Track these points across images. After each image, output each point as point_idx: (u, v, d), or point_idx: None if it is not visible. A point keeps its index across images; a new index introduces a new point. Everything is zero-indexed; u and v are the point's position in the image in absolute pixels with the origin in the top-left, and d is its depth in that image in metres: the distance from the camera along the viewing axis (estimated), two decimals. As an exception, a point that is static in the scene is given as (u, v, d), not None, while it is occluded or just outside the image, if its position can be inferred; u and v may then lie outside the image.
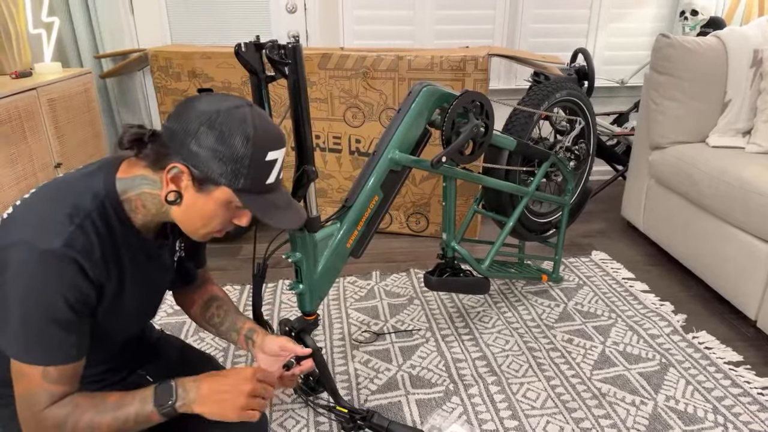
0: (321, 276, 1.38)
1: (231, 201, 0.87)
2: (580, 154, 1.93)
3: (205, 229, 0.91)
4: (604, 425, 1.41)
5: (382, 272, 2.24)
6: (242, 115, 0.84)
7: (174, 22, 2.89)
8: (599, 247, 2.47)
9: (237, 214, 0.91)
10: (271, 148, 0.86)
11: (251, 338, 1.16)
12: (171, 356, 1.19)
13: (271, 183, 0.89)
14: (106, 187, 0.87)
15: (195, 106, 0.85)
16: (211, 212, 0.88)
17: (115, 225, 0.88)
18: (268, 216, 0.88)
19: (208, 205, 0.87)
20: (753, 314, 1.80)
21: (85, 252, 0.82)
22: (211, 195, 0.86)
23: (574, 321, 1.88)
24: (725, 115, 2.20)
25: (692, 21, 2.85)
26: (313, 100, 2.45)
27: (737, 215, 1.83)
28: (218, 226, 0.91)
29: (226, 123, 0.83)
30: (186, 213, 0.89)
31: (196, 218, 0.89)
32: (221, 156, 0.83)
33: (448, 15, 2.95)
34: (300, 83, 1.19)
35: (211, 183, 0.85)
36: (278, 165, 0.90)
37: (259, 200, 0.88)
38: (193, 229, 0.91)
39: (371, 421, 1.32)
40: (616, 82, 3.15)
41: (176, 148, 0.84)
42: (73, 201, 0.84)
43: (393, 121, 1.47)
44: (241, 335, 1.17)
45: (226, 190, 0.85)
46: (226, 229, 0.94)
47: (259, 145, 0.85)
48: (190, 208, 0.88)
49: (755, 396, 1.51)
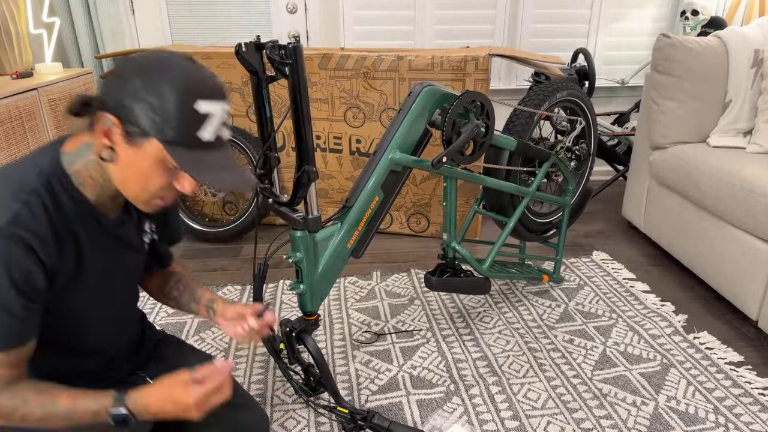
0: (322, 276, 1.38)
1: (164, 158, 0.82)
2: (581, 155, 1.93)
3: (145, 193, 0.86)
4: (605, 426, 1.41)
5: (382, 272, 2.24)
6: (174, 64, 0.81)
7: (174, 22, 2.89)
8: (600, 247, 2.46)
9: (176, 176, 0.86)
10: (202, 98, 0.81)
11: (211, 307, 1.15)
12: (171, 357, 1.19)
13: (208, 140, 0.84)
14: (51, 162, 0.84)
15: (130, 59, 0.82)
16: (146, 170, 0.83)
17: (66, 201, 0.85)
18: (198, 172, 0.82)
19: (141, 161, 0.82)
20: (754, 314, 1.79)
21: (32, 230, 0.79)
22: (142, 149, 0.81)
23: (574, 321, 1.88)
24: (726, 115, 2.20)
25: (693, 21, 2.84)
26: (313, 101, 2.45)
27: (738, 215, 1.83)
28: (158, 189, 0.86)
29: (156, 70, 0.80)
30: (122, 172, 0.85)
31: (132, 178, 0.85)
32: (148, 105, 0.79)
33: (448, 15, 2.95)
34: (300, 83, 1.19)
35: (139, 134, 0.80)
36: (215, 120, 0.84)
37: (191, 155, 0.82)
38: (133, 193, 0.87)
39: (372, 422, 1.32)
40: (617, 82, 3.15)
41: (108, 99, 0.81)
42: (17, 179, 0.81)
43: (393, 121, 1.47)
44: (201, 305, 1.16)
45: (156, 143, 0.80)
46: (171, 195, 0.89)
47: (189, 93, 0.80)
48: (126, 167, 0.84)
49: (756, 396, 1.51)
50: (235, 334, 1.11)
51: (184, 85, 0.80)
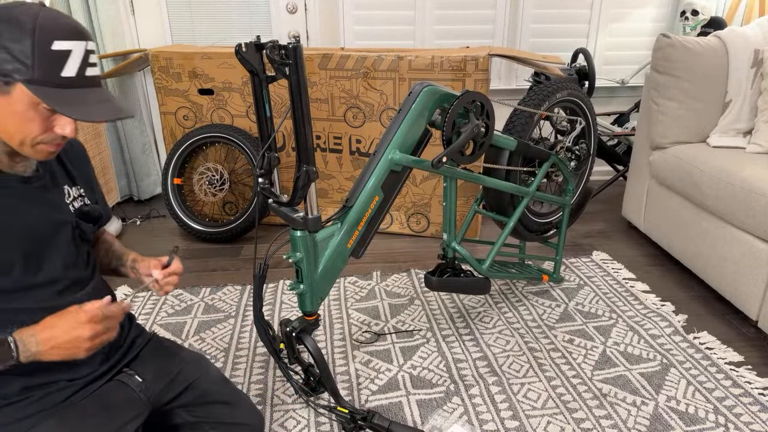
0: (322, 276, 1.38)
1: (34, 101, 0.84)
2: (581, 155, 1.93)
3: (27, 140, 0.88)
4: (605, 425, 1.41)
5: (382, 272, 2.24)
6: (25, 9, 0.83)
7: (174, 22, 2.89)
8: (600, 247, 2.47)
9: (54, 120, 0.88)
10: (58, 38, 0.83)
11: (134, 267, 1.17)
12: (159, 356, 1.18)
13: (71, 76, 0.85)
14: None
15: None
16: (21, 115, 0.85)
17: None
18: (67, 109, 0.84)
19: (14, 107, 0.84)
20: (754, 314, 1.79)
21: None
22: (11, 95, 0.83)
23: (574, 321, 1.88)
24: (726, 115, 2.20)
25: (693, 21, 2.84)
26: (313, 101, 2.45)
27: (738, 215, 1.83)
28: (39, 134, 0.87)
29: (6, 16, 0.82)
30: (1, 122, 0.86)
31: (10, 126, 0.86)
32: (6, 50, 0.81)
33: (448, 15, 2.95)
34: (300, 83, 1.19)
35: (3, 81, 0.82)
36: (76, 57, 0.85)
37: (59, 94, 0.84)
38: (16, 141, 0.88)
39: (372, 422, 1.32)
40: (617, 82, 3.15)
41: None
42: None
43: (393, 121, 1.47)
44: (127, 267, 1.18)
45: (23, 87, 0.82)
46: (54, 140, 0.90)
47: (42, 33, 0.82)
48: (1, 116, 0.85)
49: (756, 396, 1.51)
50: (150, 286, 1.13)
51: (36, 27, 0.82)
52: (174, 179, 2.57)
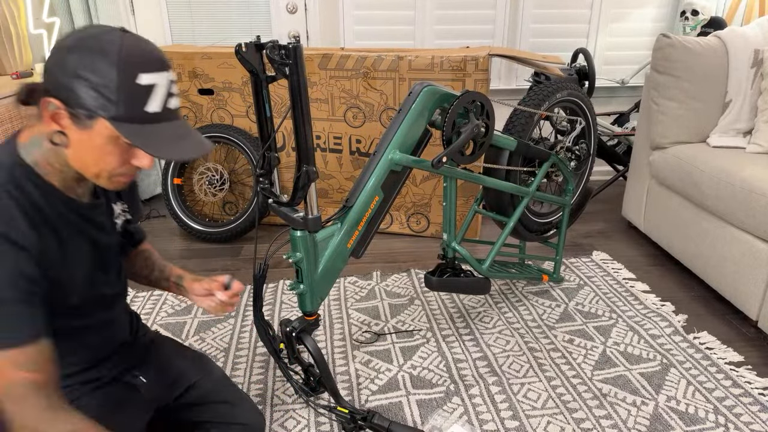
0: (322, 276, 1.38)
1: (115, 136, 0.80)
2: (581, 155, 1.93)
3: (104, 172, 0.85)
4: (605, 425, 1.41)
5: (382, 272, 2.24)
6: (108, 38, 0.78)
7: (174, 22, 2.89)
8: (600, 247, 2.46)
9: (132, 153, 0.85)
10: (143, 70, 0.79)
11: (180, 284, 1.17)
12: (163, 356, 1.18)
13: (156, 112, 0.82)
14: (9, 156, 0.84)
15: (65, 37, 0.80)
16: (100, 149, 0.81)
17: (32, 190, 0.84)
18: (149, 146, 0.80)
19: (94, 141, 0.81)
20: (754, 314, 1.79)
21: (8, 223, 0.79)
22: (92, 129, 0.80)
23: (574, 321, 1.88)
24: (726, 115, 2.20)
25: (693, 21, 2.84)
26: (313, 101, 2.45)
27: (738, 215, 1.83)
28: (116, 167, 0.85)
29: (90, 47, 0.77)
30: (78, 154, 0.83)
31: (89, 159, 0.83)
32: (88, 83, 0.77)
33: (448, 15, 2.95)
34: (300, 83, 1.19)
35: (86, 115, 0.79)
36: (160, 90, 0.82)
37: (141, 130, 0.80)
38: (92, 173, 0.86)
39: (372, 422, 1.32)
40: (617, 82, 3.15)
41: (50, 83, 0.79)
42: None
43: (393, 121, 1.47)
44: (171, 282, 1.18)
45: (105, 122, 0.79)
46: (130, 172, 0.88)
47: (128, 67, 0.78)
48: (79, 149, 0.82)
49: (756, 396, 1.51)
50: (208, 308, 1.14)
51: (121, 60, 0.78)
52: (174, 179, 2.57)
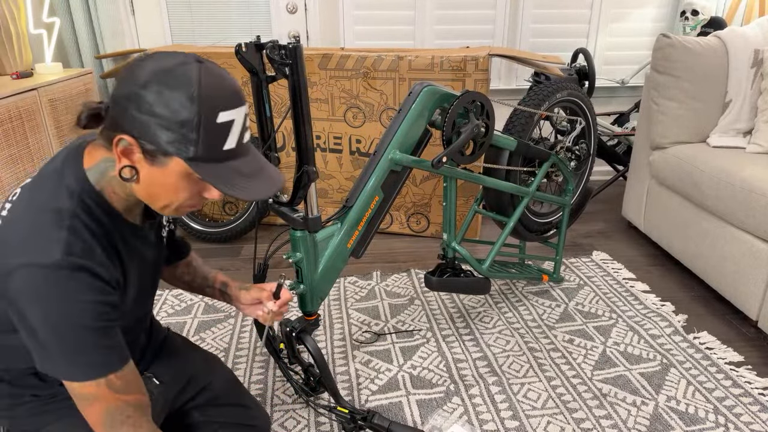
0: (322, 276, 1.38)
1: (190, 173, 0.78)
2: (581, 155, 1.93)
3: (173, 205, 0.83)
4: (605, 425, 1.41)
5: (382, 272, 2.24)
6: (185, 72, 0.74)
7: (174, 22, 2.89)
8: (600, 247, 2.47)
9: (204, 187, 0.83)
10: (222, 108, 0.76)
11: (226, 292, 1.18)
12: (176, 357, 1.18)
13: (232, 148, 0.79)
14: (78, 182, 0.81)
15: (137, 67, 0.76)
16: (172, 186, 0.79)
17: (101, 217, 0.83)
18: (230, 187, 0.78)
19: (167, 178, 0.78)
20: (754, 314, 1.79)
21: (86, 253, 0.78)
22: (166, 167, 0.77)
23: (574, 321, 1.88)
24: (726, 115, 2.20)
25: (693, 21, 2.84)
26: (313, 101, 2.45)
27: (738, 215, 1.83)
28: (187, 201, 0.83)
29: (167, 83, 0.73)
30: (147, 190, 0.81)
31: (160, 194, 0.81)
32: (165, 122, 0.73)
33: (448, 15, 2.95)
34: (300, 83, 1.19)
35: (161, 154, 0.75)
36: (237, 127, 0.79)
37: (219, 169, 0.78)
38: (160, 206, 0.84)
39: (372, 422, 1.32)
40: (617, 82, 3.15)
41: (121, 117, 0.75)
42: (52, 206, 0.79)
43: (393, 121, 1.47)
44: (216, 290, 1.19)
45: (180, 161, 0.76)
46: (199, 204, 0.86)
47: (207, 106, 0.74)
48: (149, 184, 0.80)
49: (756, 396, 1.51)
50: (258, 317, 1.16)
51: (200, 98, 0.74)
52: (174, 179, 2.57)
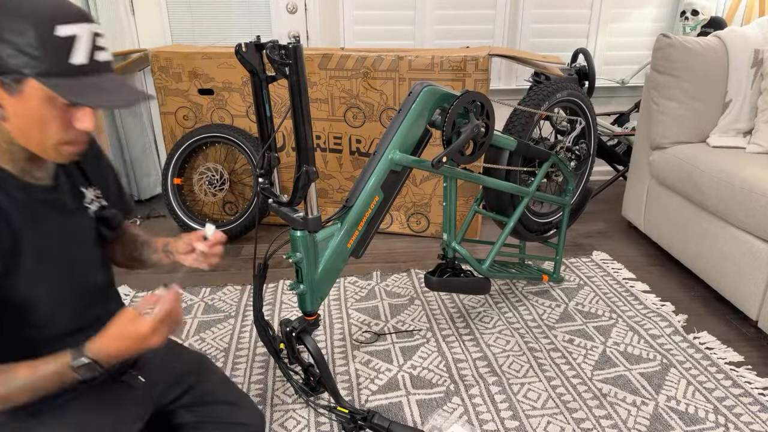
0: (321, 276, 1.38)
1: (48, 95, 0.78)
2: (581, 155, 1.93)
3: (47, 140, 0.82)
4: (605, 425, 1.41)
5: (382, 272, 2.24)
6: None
7: (174, 22, 2.89)
8: (600, 247, 2.46)
9: (73, 115, 0.82)
10: (58, 22, 0.77)
11: (168, 250, 1.14)
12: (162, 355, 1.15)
13: (83, 63, 0.79)
14: None
15: None
16: (38, 114, 0.79)
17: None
18: (82, 98, 0.78)
19: (29, 106, 0.78)
20: (754, 314, 1.79)
21: None
22: (24, 93, 0.78)
23: (574, 321, 1.88)
24: (726, 115, 2.20)
25: (693, 21, 2.84)
26: (313, 101, 2.45)
27: (738, 215, 1.83)
28: (59, 133, 0.82)
29: (4, 8, 0.76)
30: (18, 126, 0.81)
31: (30, 127, 0.81)
32: (10, 44, 0.75)
33: (448, 15, 2.95)
34: (300, 83, 1.19)
35: (14, 80, 0.77)
36: (83, 42, 0.79)
37: (71, 83, 0.78)
38: (36, 143, 0.83)
39: (372, 422, 1.32)
40: (617, 82, 3.15)
41: None
42: None
43: (393, 121, 1.47)
44: (160, 253, 1.15)
45: (34, 82, 0.77)
46: (76, 139, 0.85)
47: (42, 21, 0.76)
48: (17, 118, 0.80)
49: (756, 396, 1.51)
50: (192, 263, 1.11)
51: (36, 13, 0.76)
52: (174, 179, 2.57)
